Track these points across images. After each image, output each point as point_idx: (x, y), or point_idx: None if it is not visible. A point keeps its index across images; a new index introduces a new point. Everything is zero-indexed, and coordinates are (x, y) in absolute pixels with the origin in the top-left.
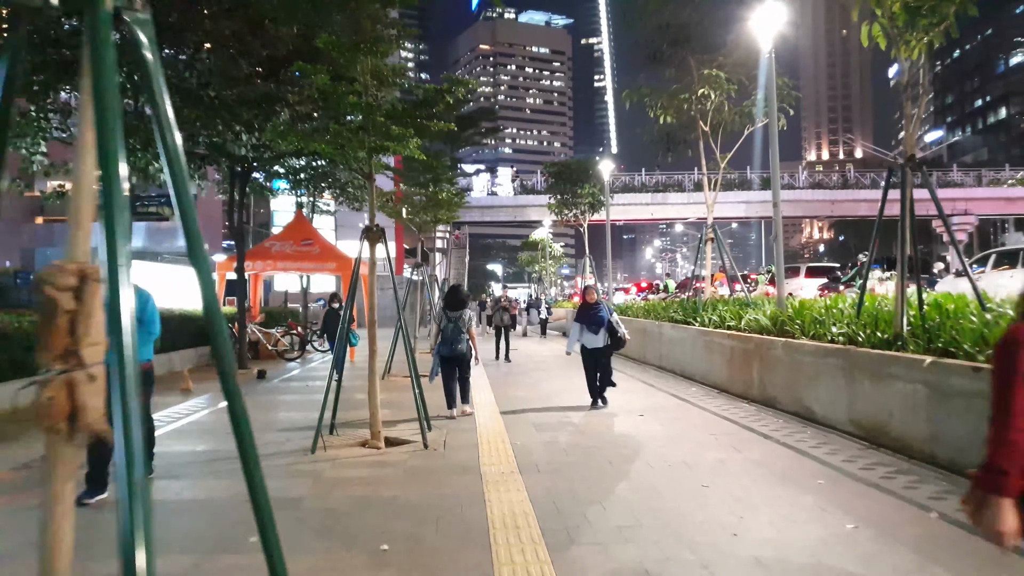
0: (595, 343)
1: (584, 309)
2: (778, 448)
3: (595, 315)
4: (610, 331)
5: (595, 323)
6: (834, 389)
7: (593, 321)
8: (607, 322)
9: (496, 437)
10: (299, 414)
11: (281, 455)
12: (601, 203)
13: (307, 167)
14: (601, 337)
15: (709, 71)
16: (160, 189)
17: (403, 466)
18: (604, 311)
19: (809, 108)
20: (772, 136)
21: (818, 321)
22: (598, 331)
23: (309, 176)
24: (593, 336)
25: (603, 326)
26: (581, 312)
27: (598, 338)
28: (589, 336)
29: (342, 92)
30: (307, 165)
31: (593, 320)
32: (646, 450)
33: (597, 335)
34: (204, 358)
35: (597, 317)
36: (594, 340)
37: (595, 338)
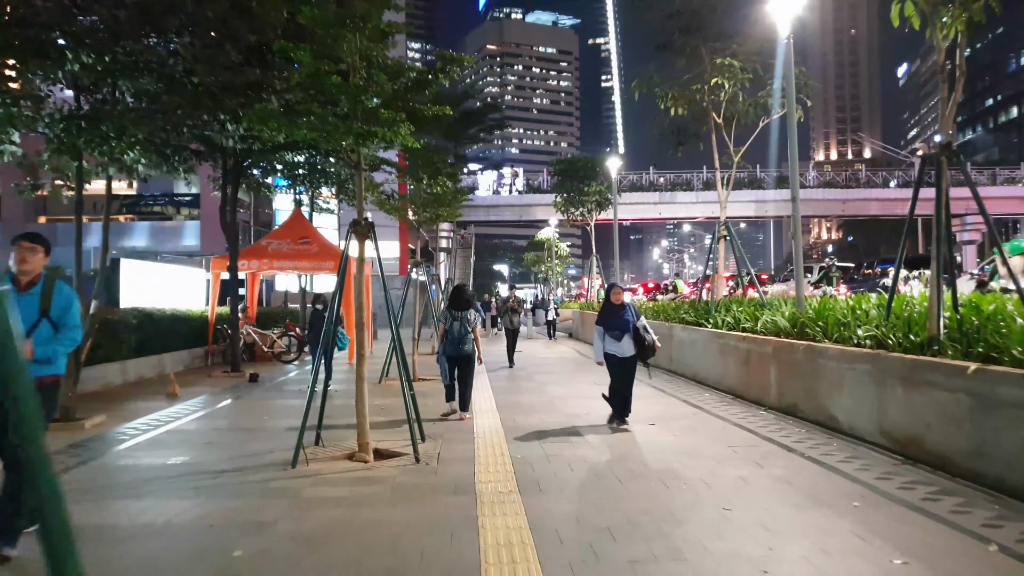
0: (621, 351)
1: (607, 311)
2: (803, 463)
3: (619, 319)
4: (637, 338)
5: (618, 328)
6: (862, 397)
7: (616, 326)
8: (632, 327)
9: (495, 449)
10: (287, 421)
11: (258, 469)
12: (608, 201)
13: (305, 163)
14: (626, 344)
15: (722, 60)
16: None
17: (390, 483)
18: (629, 314)
19: (817, 108)
20: (790, 127)
21: (842, 323)
22: (621, 337)
23: (307, 172)
24: (616, 343)
25: (627, 331)
26: (604, 314)
27: (623, 345)
28: (612, 343)
29: (325, 71)
30: (305, 161)
31: (617, 324)
32: (659, 465)
33: (620, 342)
34: (198, 360)
35: (621, 321)
36: (619, 348)
37: (619, 345)
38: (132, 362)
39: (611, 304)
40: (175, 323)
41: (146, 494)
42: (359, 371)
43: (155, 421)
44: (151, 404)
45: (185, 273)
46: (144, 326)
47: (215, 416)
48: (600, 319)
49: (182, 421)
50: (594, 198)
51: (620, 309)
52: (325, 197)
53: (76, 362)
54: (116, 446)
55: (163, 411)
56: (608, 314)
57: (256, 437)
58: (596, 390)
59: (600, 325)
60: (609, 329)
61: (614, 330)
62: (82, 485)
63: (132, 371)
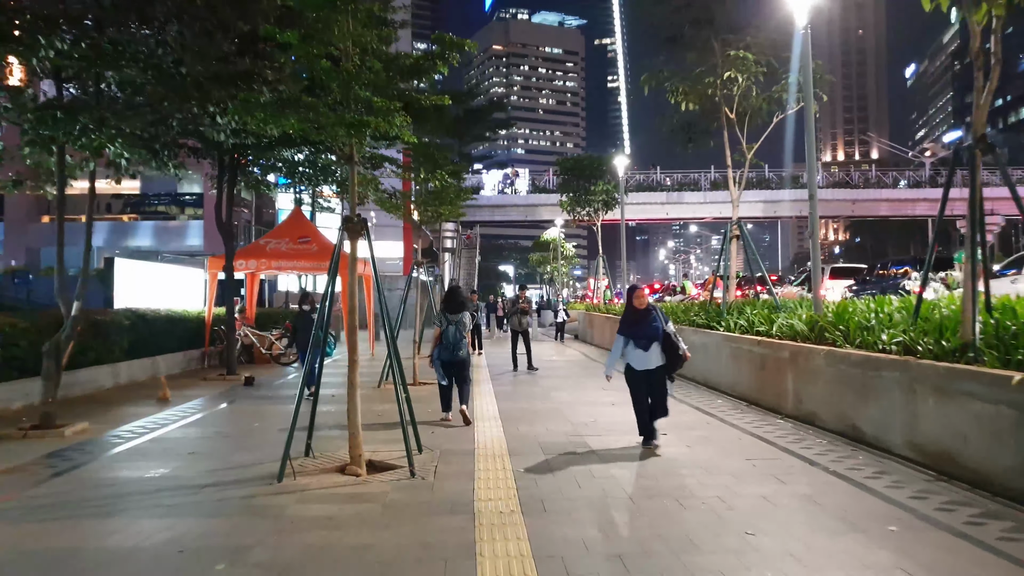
0: (646, 363)
1: (631, 318)
2: (829, 479)
3: (647, 326)
4: (666, 346)
5: (646, 336)
6: (889, 407)
7: (644, 334)
8: (662, 334)
9: (496, 462)
10: (278, 429)
11: (242, 483)
12: (615, 201)
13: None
14: (654, 355)
15: (736, 52)
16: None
17: (382, 501)
18: (659, 320)
19: (825, 109)
20: (808, 121)
21: (865, 327)
22: (649, 346)
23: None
24: (642, 353)
25: (657, 340)
26: (627, 321)
27: (649, 356)
28: (637, 354)
29: (314, 54)
30: (305, 159)
31: (644, 332)
32: (673, 481)
33: (648, 351)
34: (194, 362)
35: (650, 329)
36: (644, 359)
37: (645, 356)
38: (124, 365)
39: (635, 309)
40: (170, 324)
41: (118, 512)
42: (351, 377)
43: (140, 428)
44: (139, 409)
45: (184, 273)
46: (137, 327)
47: (204, 423)
48: (624, 327)
49: (168, 428)
50: (601, 197)
51: (646, 314)
52: (327, 196)
53: (57, 366)
54: (95, 456)
55: (151, 417)
56: (633, 320)
57: (244, 446)
58: (604, 396)
59: (624, 334)
60: (635, 338)
61: (640, 339)
62: (51, 500)
63: (124, 374)
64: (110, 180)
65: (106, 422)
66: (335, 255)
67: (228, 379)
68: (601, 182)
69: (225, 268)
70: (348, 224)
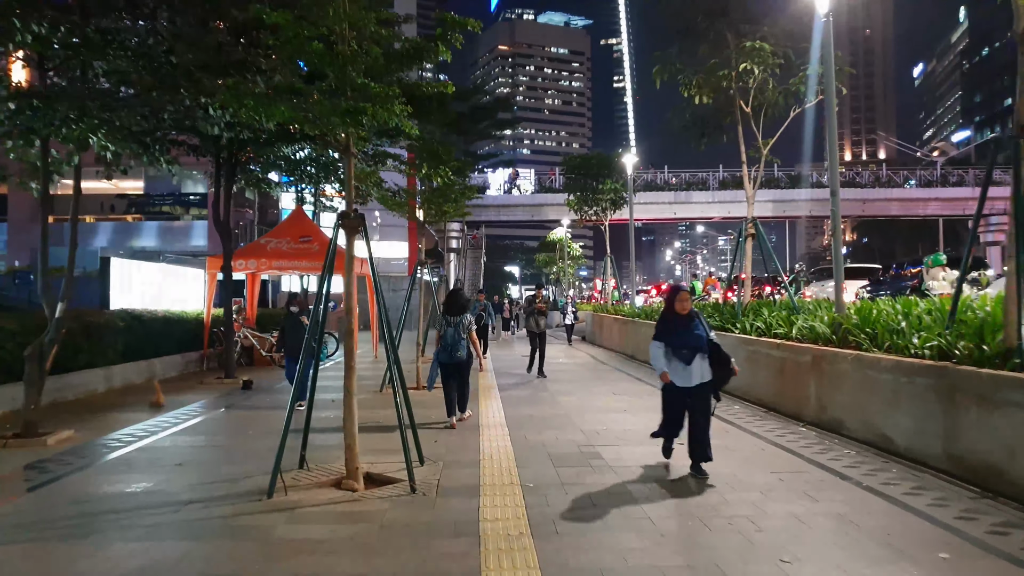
0: (687, 379)
1: (670, 324)
2: (864, 495)
3: (689, 334)
4: (714, 359)
5: (689, 346)
6: (923, 416)
7: (686, 343)
8: (706, 343)
9: (503, 475)
10: (274, 437)
11: (229, 499)
12: (623, 200)
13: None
14: (698, 369)
15: (752, 43)
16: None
17: (379, 520)
18: (701, 327)
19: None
20: (829, 113)
21: (895, 330)
22: (692, 358)
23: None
24: (683, 367)
25: (700, 351)
26: (666, 328)
27: (692, 370)
28: (677, 367)
29: (305, 36)
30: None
31: (686, 341)
32: (696, 499)
33: (691, 365)
34: (193, 365)
35: (691, 337)
36: (685, 374)
37: (687, 371)
38: (118, 367)
39: (675, 314)
40: (168, 325)
41: (89, 534)
42: (347, 384)
43: (129, 436)
44: (130, 415)
45: (184, 273)
46: (133, 329)
47: (196, 430)
48: (662, 334)
49: (158, 436)
50: (609, 196)
51: (688, 321)
52: (330, 195)
53: (40, 370)
54: (75, 468)
55: (141, 423)
56: (672, 328)
57: (235, 457)
58: (615, 402)
59: (662, 340)
60: (676, 347)
61: (681, 348)
62: (21, 519)
63: (118, 377)
64: (115, 181)
65: (94, 429)
66: (329, 252)
67: (226, 383)
68: (609, 180)
69: (223, 268)
70: (345, 220)
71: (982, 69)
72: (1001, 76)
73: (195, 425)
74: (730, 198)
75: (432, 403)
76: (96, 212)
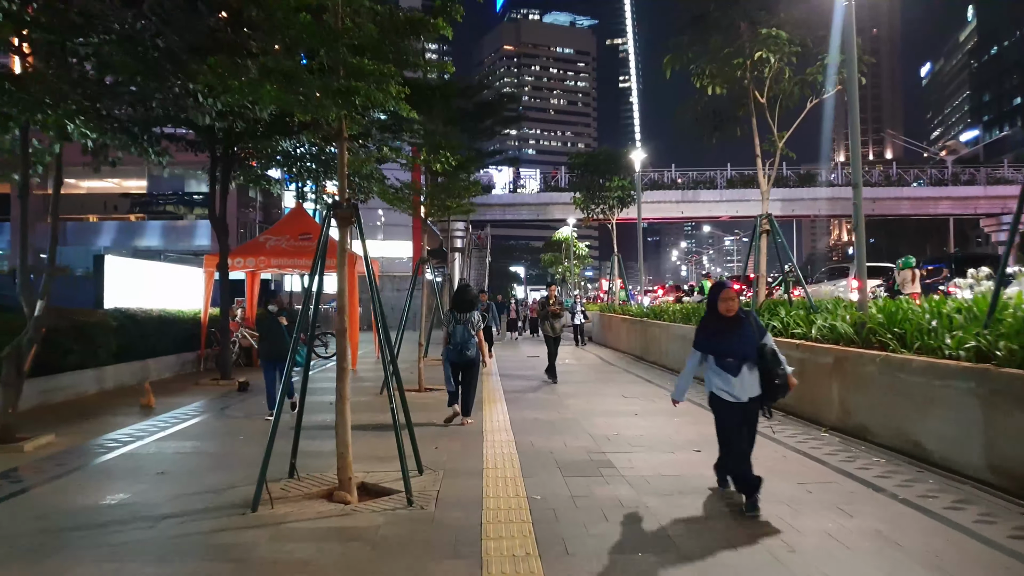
0: (738, 391)
1: (713, 326)
2: (901, 510)
3: (737, 339)
4: (766, 370)
5: (734, 353)
6: (962, 422)
7: (732, 350)
8: (757, 350)
9: (508, 486)
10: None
11: (209, 514)
12: (630, 198)
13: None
14: (747, 381)
15: (768, 30)
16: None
17: (372, 538)
18: (753, 332)
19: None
20: (851, 101)
21: (926, 330)
22: (739, 368)
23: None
24: (729, 379)
25: (749, 359)
26: (708, 332)
27: (742, 382)
28: (722, 379)
29: (291, 6)
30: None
31: (733, 348)
32: (719, 513)
33: (738, 376)
34: (189, 365)
35: (739, 342)
36: (735, 386)
37: (735, 383)
38: (111, 368)
39: (720, 316)
40: (163, 325)
41: (53, 552)
42: (340, 388)
43: (113, 441)
44: (118, 419)
45: (183, 272)
46: (126, 328)
47: (185, 435)
48: (703, 340)
49: (144, 441)
50: (616, 194)
51: (736, 324)
52: (331, 193)
53: (18, 371)
54: (51, 476)
55: (129, 427)
56: (715, 330)
57: (223, 464)
58: (624, 405)
59: (703, 350)
60: (719, 356)
61: (727, 357)
62: None
63: (110, 379)
64: (118, 180)
65: (77, 433)
66: (320, 244)
67: (221, 384)
68: (616, 178)
69: (219, 266)
70: (337, 211)
71: (991, 68)
72: (1010, 75)
73: (184, 429)
74: (738, 197)
75: (434, 405)
76: (99, 211)
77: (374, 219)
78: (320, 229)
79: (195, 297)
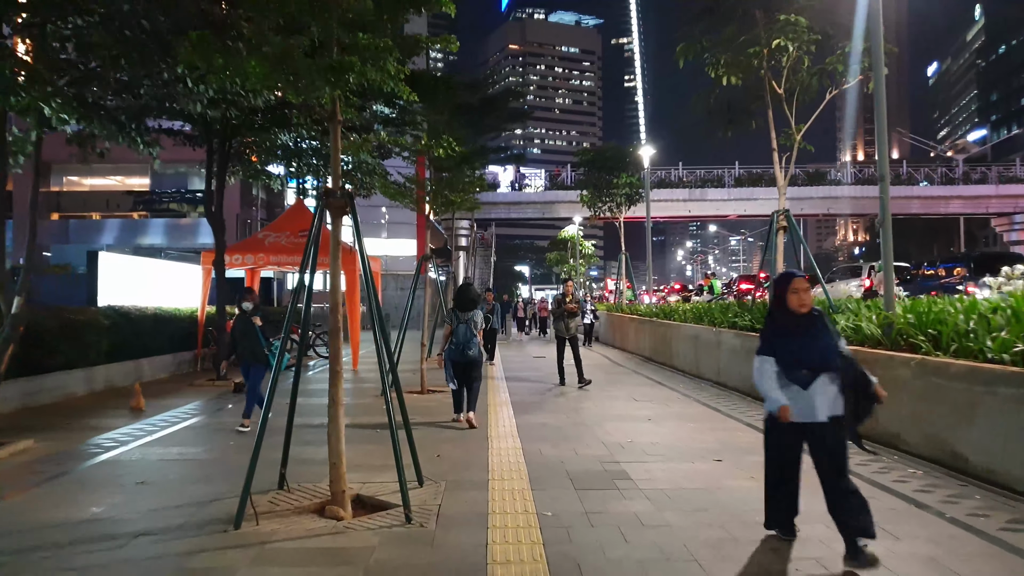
0: (808, 411)
1: (781, 325)
2: (952, 531)
3: (812, 343)
4: (852, 384)
5: (807, 361)
6: (1010, 432)
7: (805, 357)
8: (838, 359)
9: (516, 500)
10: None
11: (188, 531)
12: (639, 195)
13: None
14: (824, 396)
15: (787, 16)
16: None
17: (364, 562)
18: (831, 334)
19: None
20: (878, 90)
21: (964, 331)
22: (812, 380)
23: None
24: (800, 393)
25: (829, 370)
26: (776, 332)
27: (814, 397)
28: (789, 391)
29: None
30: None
31: (806, 354)
32: (751, 533)
33: (810, 390)
34: (185, 365)
35: (816, 349)
36: (805, 403)
37: (807, 398)
38: (102, 368)
39: (789, 314)
40: (159, 324)
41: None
42: (333, 392)
43: (96, 447)
44: (105, 422)
45: (182, 270)
46: (119, 327)
47: (172, 440)
48: (769, 343)
49: (128, 447)
50: (624, 191)
51: (809, 324)
52: None
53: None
54: (23, 487)
55: (115, 431)
56: (784, 330)
57: (209, 473)
58: (636, 409)
59: (770, 354)
60: (788, 366)
61: (796, 368)
62: None
63: (101, 379)
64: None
65: (59, 438)
66: (312, 233)
67: (217, 385)
68: (624, 174)
69: (215, 263)
70: (330, 199)
71: (999, 67)
72: (1018, 74)
73: (172, 434)
74: (746, 195)
75: (437, 408)
76: (102, 208)
77: (378, 217)
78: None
79: (193, 295)
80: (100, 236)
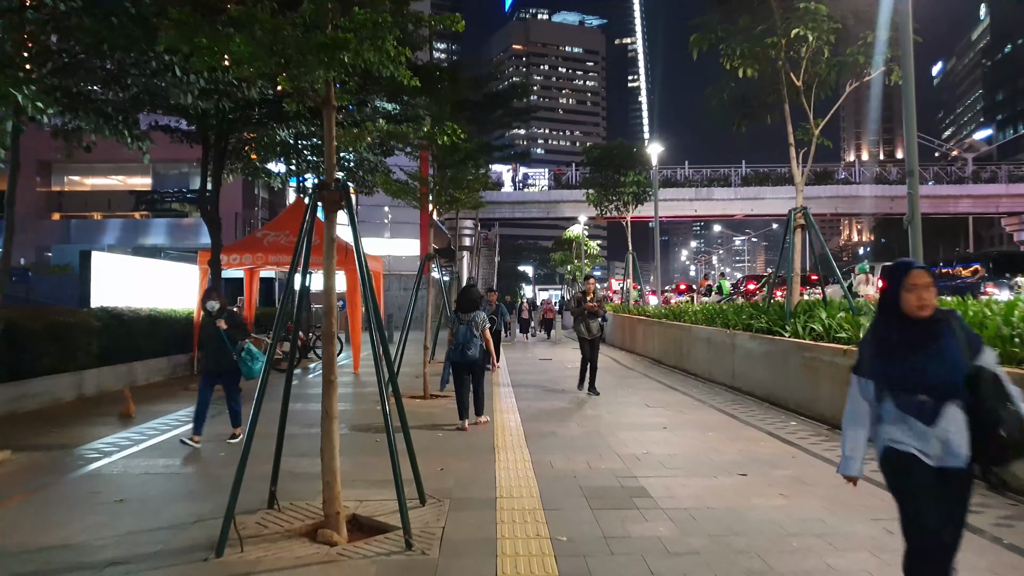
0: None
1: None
2: (1013, 559)
3: (930, 358)
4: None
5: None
6: None
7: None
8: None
9: (526, 523)
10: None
11: (164, 559)
12: (646, 194)
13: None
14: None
15: (806, 4)
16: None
17: None
18: (956, 344)
19: (849, 107)
20: (906, 82)
21: (1008, 337)
22: (937, 413)
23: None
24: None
25: (956, 396)
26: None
27: (935, 433)
28: (906, 426)
29: None
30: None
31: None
32: (786, 564)
33: (934, 425)
34: (181, 368)
35: (937, 366)
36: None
37: (928, 435)
38: (92, 372)
39: (903, 317)
40: (153, 325)
41: None
42: (326, 405)
43: (78, 459)
44: (92, 429)
45: (178, 270)
46: (111, 329)
47: (159, 450)
48: (869, 359)
49: (112, 459)
50: (631, 190)
51: (931, 331)
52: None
53: None
54: None
55: (100, 440)
56: (894, 342)
57: (193, 490)
58: (650, 416)
59: (867, 376)
60: (896, 388)
61: (911, 391)
62: None
63: (91, 383)
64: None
65: (39, 449)
66: (304, 228)
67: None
68: (632, 172)
69: (211, 262)
70: (324, 192)
71: (1004, 67)
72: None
73: (160, 444)
74: (753, 195)
75: (440, 414)
76: (103, 208)
77: (381, 216)
78: (321, 225)
79: (190, 295)
80: (102, 236)
